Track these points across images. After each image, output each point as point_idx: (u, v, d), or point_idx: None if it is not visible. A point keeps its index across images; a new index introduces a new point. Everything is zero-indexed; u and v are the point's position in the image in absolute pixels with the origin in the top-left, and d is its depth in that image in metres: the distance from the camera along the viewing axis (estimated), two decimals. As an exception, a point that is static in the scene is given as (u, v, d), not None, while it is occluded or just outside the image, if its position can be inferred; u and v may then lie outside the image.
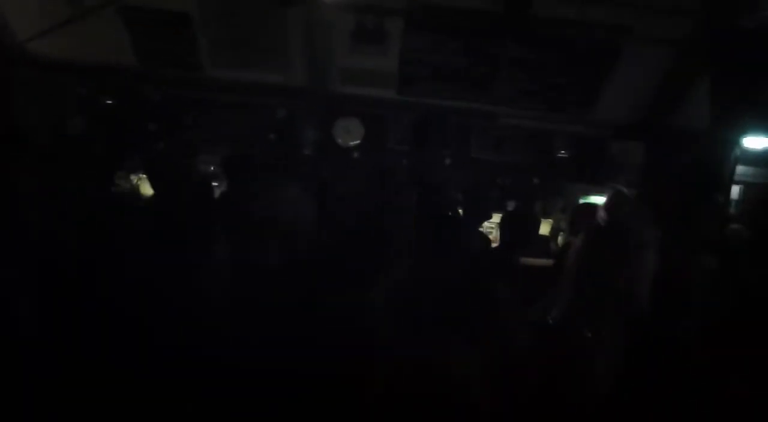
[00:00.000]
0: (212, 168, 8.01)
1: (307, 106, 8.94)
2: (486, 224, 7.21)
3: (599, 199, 8.31)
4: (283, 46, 8.17)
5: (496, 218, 6.66)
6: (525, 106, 8.42)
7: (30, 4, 7.76)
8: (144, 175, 7.19)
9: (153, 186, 5.61)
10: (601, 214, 4.56)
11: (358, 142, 9.20)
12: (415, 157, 8.83)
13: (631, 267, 4.20)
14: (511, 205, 8.64)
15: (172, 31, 8.07)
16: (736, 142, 7.14)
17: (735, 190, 8.44)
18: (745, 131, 6.77)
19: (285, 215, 5.25)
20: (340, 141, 9.13)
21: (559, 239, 8.66)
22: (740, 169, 7.99)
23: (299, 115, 9.05)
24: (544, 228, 8.30)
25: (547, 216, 8.74)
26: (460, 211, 6.45)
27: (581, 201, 8.72)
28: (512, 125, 8.75)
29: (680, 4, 6.77)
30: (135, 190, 7.78)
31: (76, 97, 8.69)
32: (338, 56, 8.25)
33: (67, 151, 6.30)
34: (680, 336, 4.44)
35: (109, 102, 8.75)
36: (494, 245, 6.08)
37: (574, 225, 6.00)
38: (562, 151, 9.11)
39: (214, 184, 6.85)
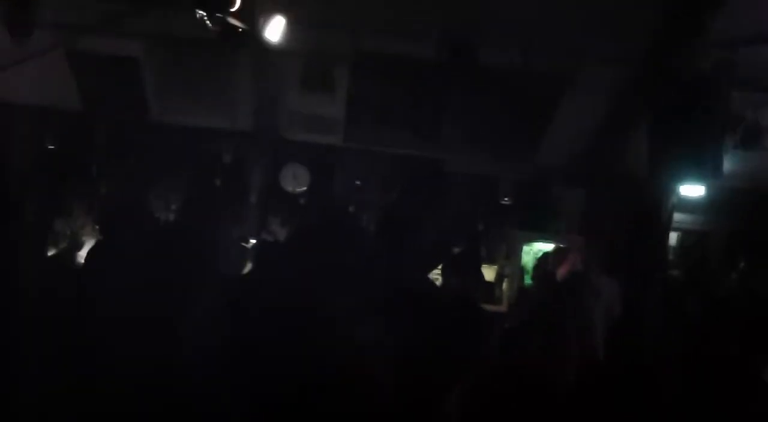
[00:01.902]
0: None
1: (254, 151, 8.96)
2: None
3: (543, 246, 8.50)
4: (230, 90, 8.22)
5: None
6: (469, 153, 8.54)
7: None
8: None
9: (103, 230, 5.52)
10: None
11: (304, 188, 9.24)
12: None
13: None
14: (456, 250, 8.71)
15: (119, 75, 8.06)
16: (674, 190, 7.34)
17: (673, 237, 8.65)
18: (681, 179, 6.96)
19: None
20: (287, 187, 9.16)
21: (504, 285, 8.75)
22: (677, 216, 8.21)
23: (246, 160, 9.07)
24: (489, 274, 8.38)
25: (491, 262, 8.83)
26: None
27: (526, 247, 8.88)
28: (457, 172, 8.87)
29: (619, 54, 6.99)
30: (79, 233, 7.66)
31: (20, 139, 8.58)
32: (286, 101, 8.32)
33: (8, 192, 6.18)
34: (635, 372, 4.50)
35: (52, 146, 8.67)
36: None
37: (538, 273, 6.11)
38: (506, 198, 9.25)
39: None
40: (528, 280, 8.26)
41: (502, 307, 8.18)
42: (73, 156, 8.72)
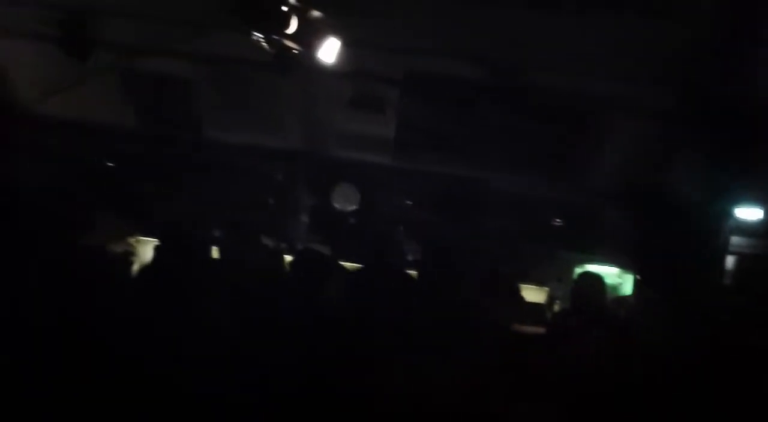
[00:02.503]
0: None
1: (305, 170, 9.03)
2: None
3: (594, 268, 8.39)
4: (282, 110, 8.30)
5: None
6: (518, 174, 8.48)
7: (35, 66, 7.88)
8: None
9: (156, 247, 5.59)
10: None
11: (355, 207, 9.27)
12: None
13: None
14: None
15: (173, 94, 8.20)
16: (730, 213, 7.20)
17: (730, 261, 8.46)
18: (739, 202, 6.83)
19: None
20: (337, 206, 9.20)
21: (555, 307, 8.64)
22: (734, 239, 8.03)
23: (297, 178, 9.14)
24: (540, 297, 8.29)
25: (542, 284, 8.73)
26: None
27: (577, 269, 8.76)
28: (505, 192, 8.80)
29: (671, 77, 6.90)
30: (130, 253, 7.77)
31: (77, 158, 8.78)
32: (336, 122, 8.37)
33: (67, 210, 6.31)
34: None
35: (110, 163, 8.85)
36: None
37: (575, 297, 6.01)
38: (557, 220, 9.16)
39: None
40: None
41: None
42: (128, 173, 8.86)
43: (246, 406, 3.82)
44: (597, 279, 5.96)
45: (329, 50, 6.44)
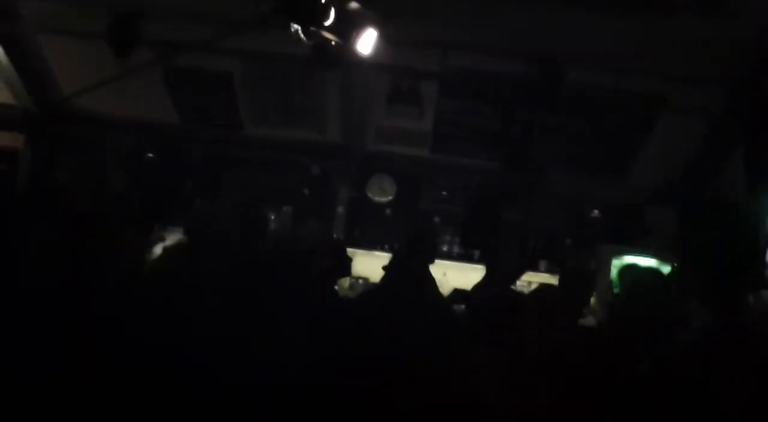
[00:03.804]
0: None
1: (342, 164, 9.09)
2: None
3: (632, 259, 8.37)
4: (321, 105, 8.36)
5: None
6: (558, 171, 8.48)
7: (78, 60, 8.02)
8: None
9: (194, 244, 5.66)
10: None
11: (390, 198, 9.31)
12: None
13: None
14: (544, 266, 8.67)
15: (214, 90, 8.30)
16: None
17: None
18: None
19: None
20: (374, 197, 9.25)
21: (592, 300, 8.62)
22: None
23: (334, 172, 9.21)
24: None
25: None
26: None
27: (615, 261, 8.74)
28: (545, 189, 8.79)
29: (713, 75, 6.85)
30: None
31: (118, 154, 8.92)
32: (374, 116, 8.42)
33: (108, 207, 6.42)
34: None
35: (151, 158, 8.97)
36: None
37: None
38: (595, 211, 9.13)
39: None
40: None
41: (591, 321, 8.07)
42: (168, 169, 9.00)
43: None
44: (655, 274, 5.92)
45: (367, 42, 6.46)
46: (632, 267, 7.21)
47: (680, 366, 4.05)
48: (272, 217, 8.39)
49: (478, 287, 5.81)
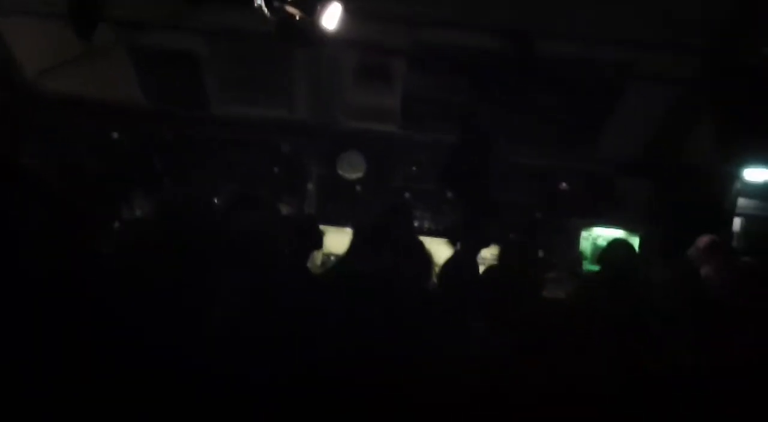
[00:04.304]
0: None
1: (311, 141, 9.06)
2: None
3: (602, 232, 8.45)
4: (288, 83, 8.31)
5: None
6: (527, 144, 8.50)
7: (40, 42, 7.88)
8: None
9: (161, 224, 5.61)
10: None
11: (360, 175, 9.31)
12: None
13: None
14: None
15: (180, 69, 8.20)
16: (738, 176, 7.22)
17: (737, 223, 8.51)
18: (746, 164, 6.86)
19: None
20: (344, 174, 9.24)
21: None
22: (741, 201, 8.06)
23: (303, 149, 9.18)
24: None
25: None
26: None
27: (584, 233, 8.82)
28: (514, 162, 8.81)
29: (681, 42, 6.90)
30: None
31: (84, 134, 8.81)
32: (343, 93, 8.38)
33: (74, 187, 6.35)
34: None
35: (117, 138, 8.88)
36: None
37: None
38: (563, 184, 9.18)
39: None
40: (590, 266, 8.20)
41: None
42: (135, 149, 8.91)
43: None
44: (629, 247, 5.97)
45: (332, 16, 6.41)
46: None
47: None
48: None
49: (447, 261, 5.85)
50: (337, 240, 7.99)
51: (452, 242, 6.66)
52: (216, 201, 7.86)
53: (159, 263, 4.52)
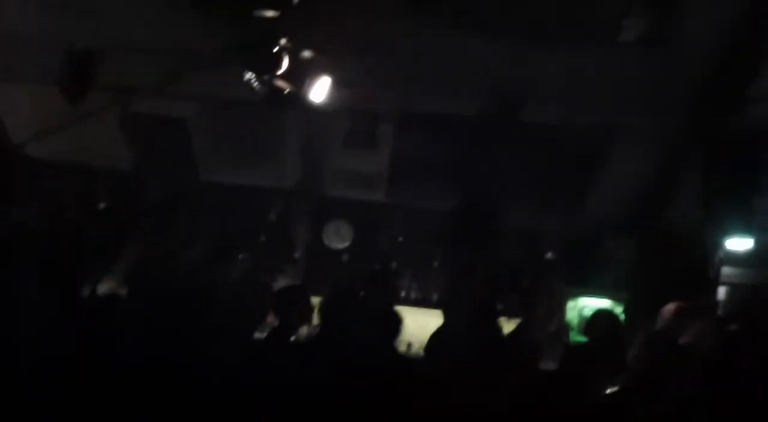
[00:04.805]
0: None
1: (299, 208, 9.09)
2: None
3: (588, 302, 8.41)
4: (277, 148, 8.38)
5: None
6: (514, 206, 8.53)
7: (31, 107, 7.95)
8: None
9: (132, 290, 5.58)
10: None
11: (347, 244, 9.31)
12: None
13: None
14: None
15: (170, 135, 8.27)
16: (721, 244, 7.25)
17: (721, 291, 8.51)
18: (728, 232, 6.90)
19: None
20: (330, 244, 9.25)
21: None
22: (725, 269, 8.07)
23: (291, 217, 9.19)
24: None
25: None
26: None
27: (570, 303, 8.78)
28: (503, 225, 8.82)
29: (663, 105, 7.01)
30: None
31: (74, 198, 8.82)
32: (331, 159, 8.45)
33: (63, 249, 6.35)
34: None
35: (106, 204, 8.90)
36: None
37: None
38: (550, 252, 9.19)
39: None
40: (576, 337, 8.14)
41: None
42: (124, 215, 8.92)
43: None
44: (613, 318, 5.96)
45: (321, 89, 6.53)
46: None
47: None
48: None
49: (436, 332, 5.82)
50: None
51: (442, 312, 6.60)
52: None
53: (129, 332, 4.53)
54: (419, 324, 7.19)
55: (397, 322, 5.04)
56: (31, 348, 4.13)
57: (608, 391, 4.53)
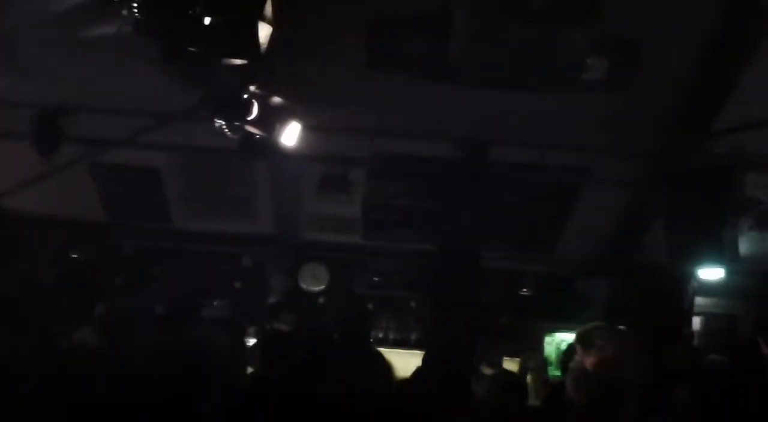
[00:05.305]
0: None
1: (274, 253, 9.09)
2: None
3: (565, 336, 8.44)
4: (250, 196, 8.40)
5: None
6: (489, 247, 8.58)
7: (2, 161, 7.91)
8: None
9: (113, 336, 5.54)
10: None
11: (323, 287, 9.31)
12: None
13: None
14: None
15: (142, 185, 8.27)
16: (693, 274, 7.32)
17: (696, 322, 8.59)
18: (700, 262, 6.98)
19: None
20: (306, 286, 9.24)
21: (528, 378, 8.62)
22: (699, 300, 8.16)
23: (266, 262, 9.19)
24: (512, 367, 8.29)
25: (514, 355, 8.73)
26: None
27: (548, 338, 8.80)
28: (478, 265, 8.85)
29: (633, 148, 7.14)
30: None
31: (48, 251, 8.78)
32: (305, 205, 8.47)
33: (37, 302, 6.31)
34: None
35: (78, 255, 8.84)
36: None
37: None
38: (525, 289, 9.24)
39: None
40: (554, 372, 8.15)
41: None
42: (97, 265, 8.87)
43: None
44: None
45: (291, 134, 6.56)
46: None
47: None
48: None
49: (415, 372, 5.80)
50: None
51: (422, 352, 6.58)
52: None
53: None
54: (397, 365, 7.20)
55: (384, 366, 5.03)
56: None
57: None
